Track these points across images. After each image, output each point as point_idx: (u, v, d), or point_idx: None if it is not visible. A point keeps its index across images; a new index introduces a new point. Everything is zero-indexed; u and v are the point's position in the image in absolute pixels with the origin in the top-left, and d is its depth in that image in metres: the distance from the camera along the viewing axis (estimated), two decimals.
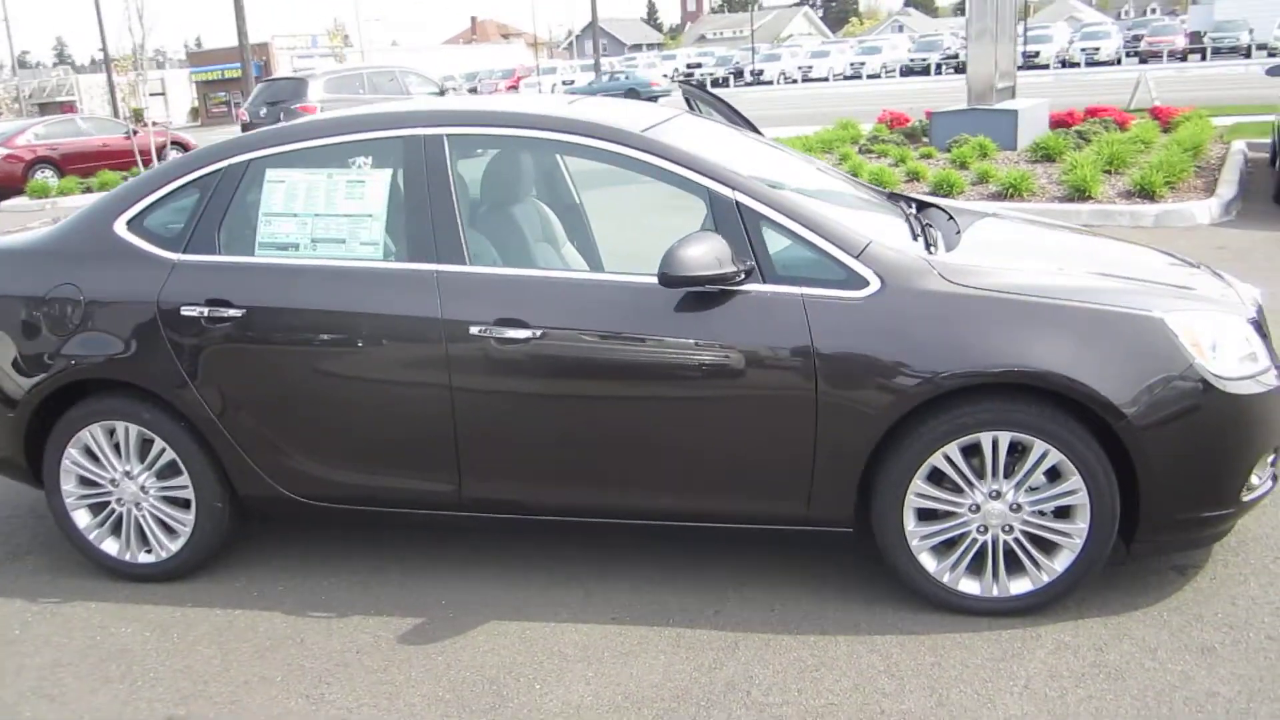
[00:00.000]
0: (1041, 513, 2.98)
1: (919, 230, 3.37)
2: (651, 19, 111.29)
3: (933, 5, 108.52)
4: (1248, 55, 37.94)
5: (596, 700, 2.77)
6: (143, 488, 3.45)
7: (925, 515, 3.04)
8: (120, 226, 3.43)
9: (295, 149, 3.37)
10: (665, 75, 48.62)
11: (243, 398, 3.28)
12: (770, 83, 44.69)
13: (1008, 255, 3.38)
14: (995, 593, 3.05)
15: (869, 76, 43.80)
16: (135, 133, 18.37)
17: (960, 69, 40.56)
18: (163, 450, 3.38)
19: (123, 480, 3.45)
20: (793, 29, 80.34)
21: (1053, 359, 2.84)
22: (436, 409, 3.15)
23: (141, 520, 3.49)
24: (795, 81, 44.36)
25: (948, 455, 2.95)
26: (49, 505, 3.55)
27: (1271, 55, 36.96)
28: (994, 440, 2.92)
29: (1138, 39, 40.92)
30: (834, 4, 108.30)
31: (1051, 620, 3.03)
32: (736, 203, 3.07)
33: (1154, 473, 2.88)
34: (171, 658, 3.08)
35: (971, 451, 2.96)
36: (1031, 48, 41.84)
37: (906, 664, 2.87)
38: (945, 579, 3.06)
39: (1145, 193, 9.04)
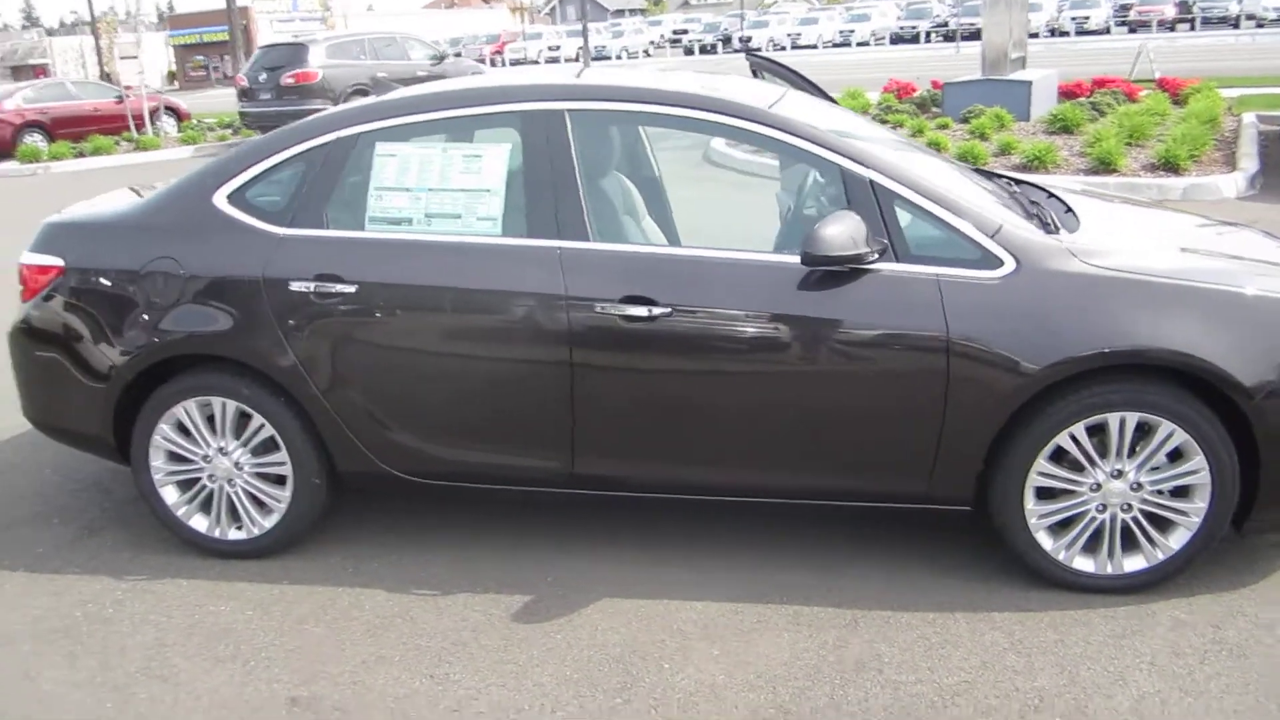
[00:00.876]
0: (1161, 491, 2.98)
1: (1031, 210, 3.34)
2: None
3: None
4: (1236, 25, 38.01)
5: (729, 679, 2.75)
6: (237, 464, 3.38)
7: (1044, 494, 3.03)
8: (220, 200, 3.34)
9: (407, 122, 3.30)
10: (652, 41, 48.23)
11: (350, 374, 3.22)
12: (759, 50, 44.34)
13: (1130, 236, 3.34)
14: (1109, 570, 3.05)
15: (858, 44, 43.57)
16: (122, 98, 18.01)
17: (950, 37, 40.55)
18: (260, 426, 3.32)
19: (216, 456, 3.39)
20: None
21: (1187, 340, 2.82)
22: (554, 386, 3.10)
23: (234, 496, 3.42)
24: (784, 49, 44.00)
25: (1074, 435, 2.94)
26: (136, 482, 3.48)
27: (1260, 26, 37.09)
28: (1121, 420, 2.90)
29: (1126, 8, 40.89)
30: None
31: (1163, 597, 3.04)
32: (870, 180, 3.02)
33: (1278, 453, 2.88)
34: (281, 637, 3.03)
35: (1093, 430, 2.95)
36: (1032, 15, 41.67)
37: (1030, 641, 2.87)
38: (1061, 556, 3.06)
39: (1169, 166, 9.04)
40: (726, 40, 45.85)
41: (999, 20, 13.08)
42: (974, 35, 40.24)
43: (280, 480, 3.39)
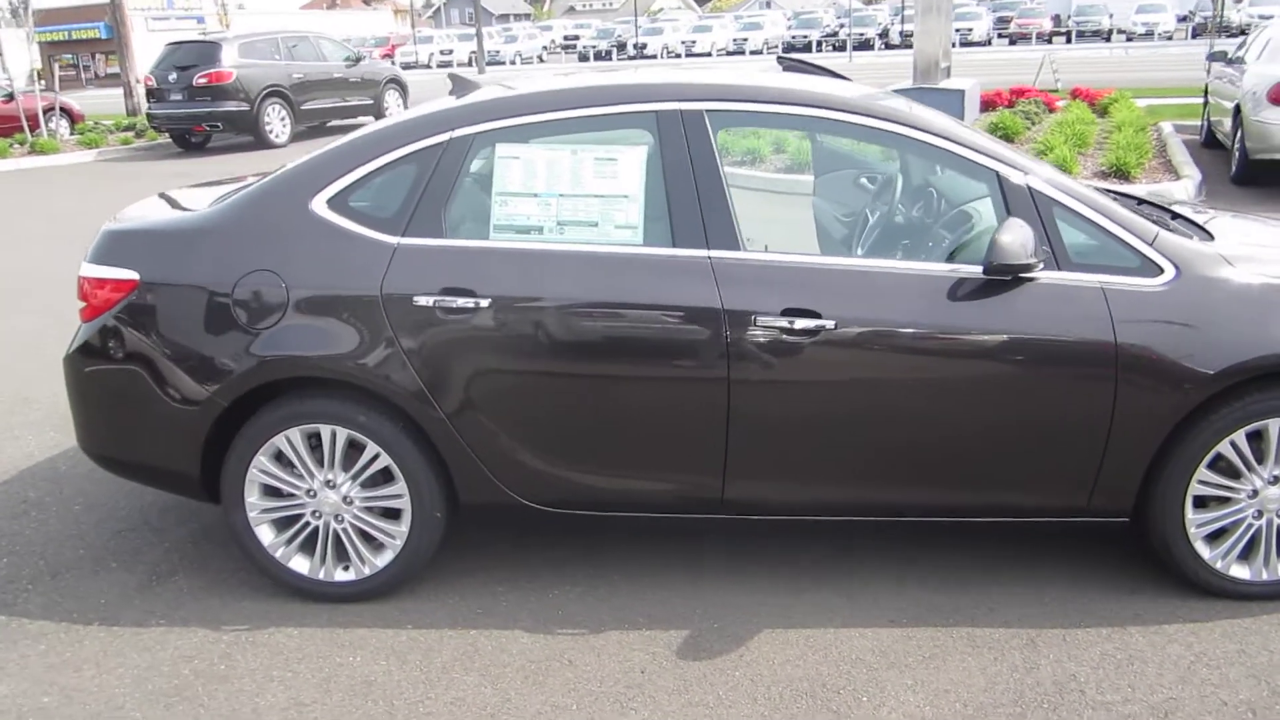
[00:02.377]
0: None
1: (1168, 220, 3.32)
2: None
3: None
4: (1108, 39, 40.09)
5: (937, 711, 2.63)
6: (346, 498, 3.09)
7: (1201, 502, 3.01)
8: (319, 206, 3.05)
9: (528, 122, 3.06)
10: (545, 47, 47.95)
11: (481, 396, 2.97)
12: (654, 57, 44.58)
13: (1268, 245, 3.34)
14: (1265, 576, 3.05)
15: (752, 53, 44.22)
16: (13, 96, 16.81)
17: (840, 47, 41.62)
18: (375, 456, 3.03)
19: (322, 490, 3.09)
20: (664, 2, 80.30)
21: None
22: (709, 405, 2.93)
23: (341, 534, 3.13)
24: (679, 56, 44.37)
25: (1234, 442, 2.93)
26: (229, 521, 3.14)
27: (1129, 39, 39.20)
28: None
29: (1005, 21, 42.69)
30: None
31: None
32: (1029, 187, 2.95)
33: None
34: (433, 689, 2.77)
35: (1251, 437, 2.94)
36: (907, 27, 43.05)
37: (1213, 653, 2.84)
38: (1218, 565, 3.05)
39: (1120, 173, 9.36)
40: (621, 46, 45.90)
41: (931, 29, 13.38)
42: (864, 45, 41.55)
43: (393, 515, 3.11)
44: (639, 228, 2.98)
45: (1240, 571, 3.06)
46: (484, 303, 2.92)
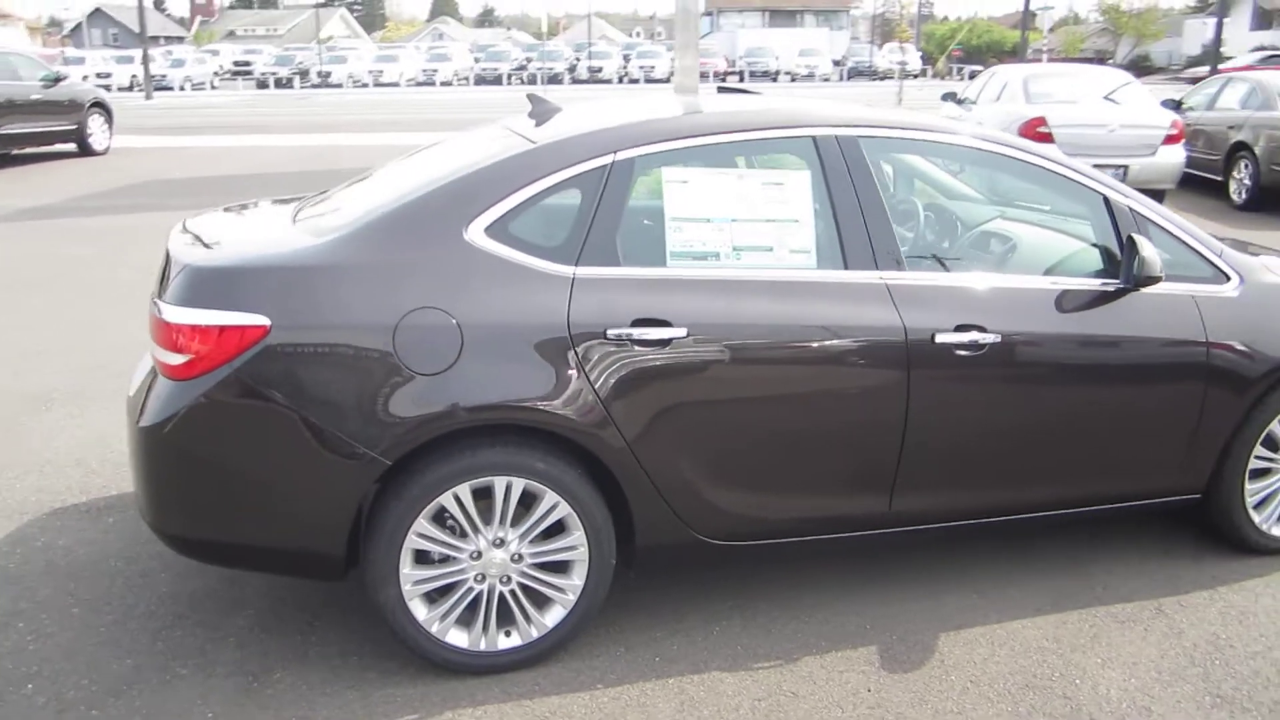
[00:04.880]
0: None
1: None
2: (159, 6, 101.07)
3: (457, 14, 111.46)
4: (774, 79, 43.94)
5: (1143, 681, 2.84)
6: (515, 555, 2.82)
7: (1255, 475, 3.48)
8: (477, 235, 2.77)
9: (689, 145, 2.97)
10: (215, 73, 44.85)
11: (671, 430, 2.82)
12: (339, 85, 43.05)
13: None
14: None
15: (442, 84, 43.95)
16: None
17: (531, 80, 42.42)
18: (554, 505, 2.79)
19: (488, 550, 2.79)
20: (331, 30, 77.66)
21: None
22: (888, 423, 2.98)
23: (508, 596, 2.84)
24: (366, 85, 43.16)
25: None
26: (379, 600, 2.74)
27: (793, 80, 43.19)
28: None
29: None
30: (358, 7, 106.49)
31: None
32: (1130, 208, 3.28)
33: None
34: None
35: None
36: (595, 63, 44.83)
37: None
38: (1265, 527, 3.53)
39: None
40: (303, 74, 43.87)
41: (690, 65, 14.07)
42: (555, 79, 42.63)
43: (563, 568, 2.88)
44: (812, 251, 2.98)
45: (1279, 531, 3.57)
46: (680, 333, 2.79)
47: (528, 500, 2.79)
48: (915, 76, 44.14)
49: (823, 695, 2.79)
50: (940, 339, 2.97)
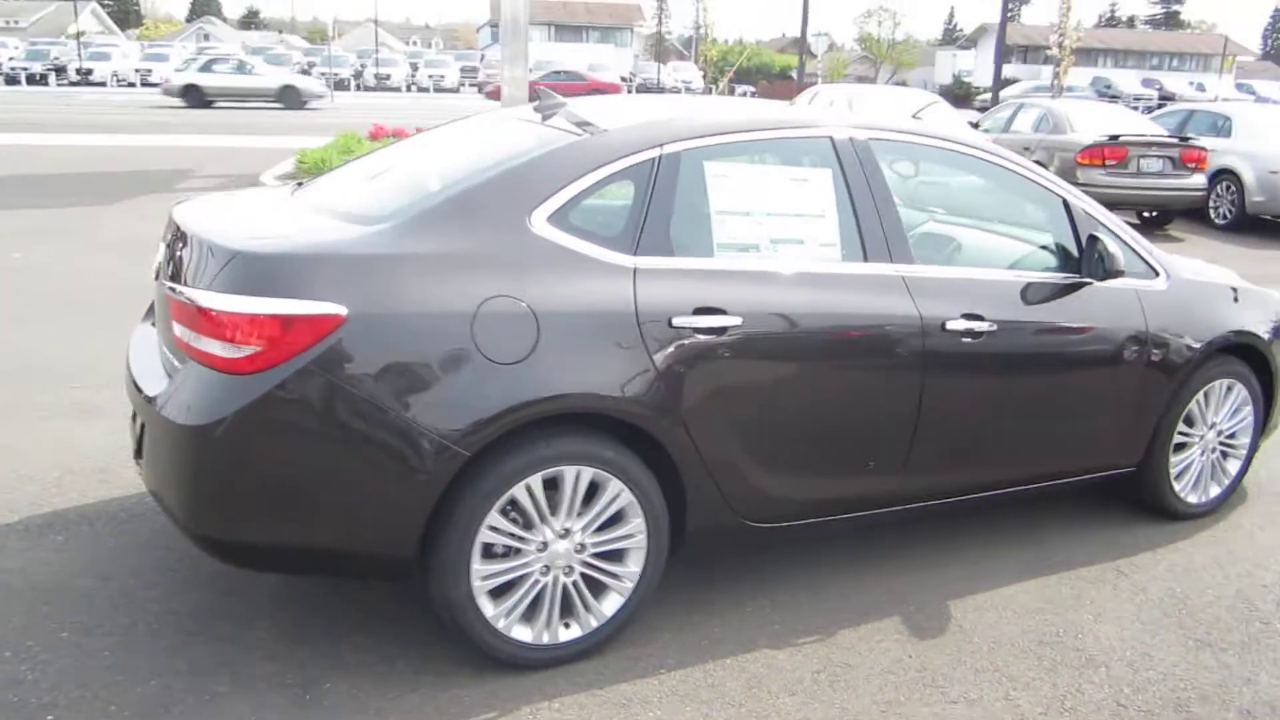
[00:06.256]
0: (1232, 435, 4.09)
1: None
2: None
3: (220, 14, 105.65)
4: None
5: (1134, 633, 3.19)
6: (580, 545, 2.81)
7: (1177, 449, 3.95)
8: (540, 224, 2.75)
9: (727, 141, 3.09)
10: None
11: (723, 416, 2.91)
12: (103, 84, 39.79)
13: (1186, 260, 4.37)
14: (1205, 499, 4.06)
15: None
16: None
17: (342, 85, 40.89)
18: (617, 494, 2.81)
19: (554, 541, 2.78)
20: (82, 25, 71.60)
21: (1252, 323, 3.97)
22: (904, 409, 3.19)
23: (570, 587, 2.83)
24: (133, 85, 40.11)
25: (1206, 395, 3.92)
26: (446, 599, 2.67)
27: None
28: (1227, 385, 3.96)
29: (474, 70, 45.37)
30: (109, 3, 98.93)
31: None
32: (1085, 210, 3.65)
33: None
34: (773, 716, 2.68)
35: (1207, 395, 3.95)
36: (383, 70, 43.81)
37: (1216, 553, 3.77)
38: (1185, 495, 4.01)
39: None
40: (59, 70, 40.23)
41: (518, 75, 14.08)
42: (340, 85, 41.19)
43: (620, 556, 2.90)
44: (837, 245, 3.16)
45: (1193, 498, 4.06)
46: (735, 320, 2.88)
47: (590, 490, 2.80)
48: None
49: (872, 664, 2.95)
50: (950, 326, 3.22)
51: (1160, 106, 34.20)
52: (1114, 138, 11.41)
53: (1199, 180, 11.63)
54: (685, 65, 54.44)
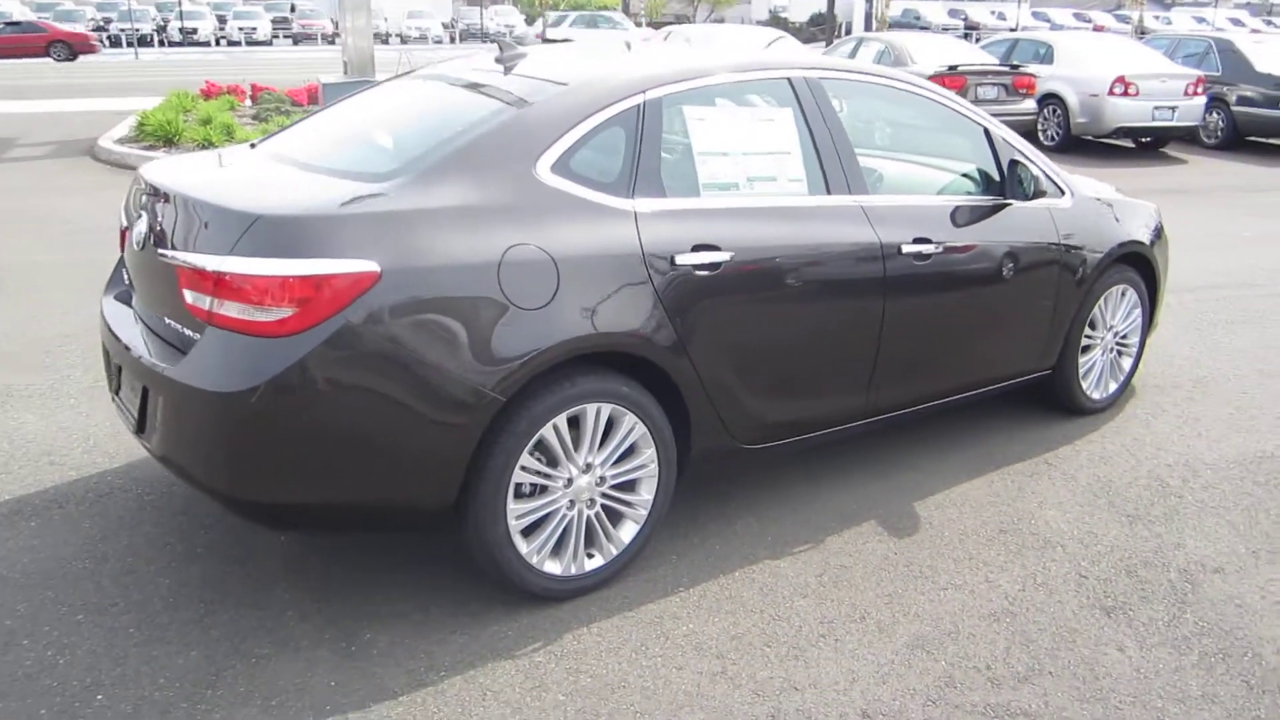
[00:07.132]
0: (1126, 337, 4.58)
1: None
2: None
3: None
4: (386, 41, 42.86)
5: (1069, 521, 3.60)
6: (600, 479, 2.96)
7: (1084, 350, 4.40)
8: (544, 172, 2.83)
9: (700, 85, 3.23)
10: None
11: (723, 349, 3.09)
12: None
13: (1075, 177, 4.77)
14: (1105, 395, 4.55)
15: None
16: None
17: (115, 41, 38.06)
18: (632, 427, 2.96)
19: (578, 477, 2.91)
20: None
21: (1137, 232, 4.43)
22: (869, 329, 3.45)
23: (593, 519, 2.98)
24: None
25: (1105, 300, 4.37)
26: (483, 542, 2.77)
27: (404, 42, 42.36)
28: (1123, 290, 4.43)
29: (287, 21, 43.14)
30: None
31: None
32: (1004, 138, 3.98)
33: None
34: (800, 616, 2.91)
35: (1107, 299, 4.40)
36: (188, 24, 41.17)
37: (1124, 439, 4.25)
38: (1091, 394, 4.47)
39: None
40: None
41: (362, 25, 13.63)
42: (144, 41, 38.49)
43: (633, 486, 3.06)
44: (804, 180, 3.36)
45: (1097, 395, 4.53)
46: (728, 255, 3.05)
47: (608, 425, 2.93)
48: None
49: (865, 564, 3.24)
50: (905, 250, 3.49)
51: (966, 36, 36.03)
52: (953, 68, 12.07)
53: (1030, 105, 12.49)
54: (505, 9, 53.34)
